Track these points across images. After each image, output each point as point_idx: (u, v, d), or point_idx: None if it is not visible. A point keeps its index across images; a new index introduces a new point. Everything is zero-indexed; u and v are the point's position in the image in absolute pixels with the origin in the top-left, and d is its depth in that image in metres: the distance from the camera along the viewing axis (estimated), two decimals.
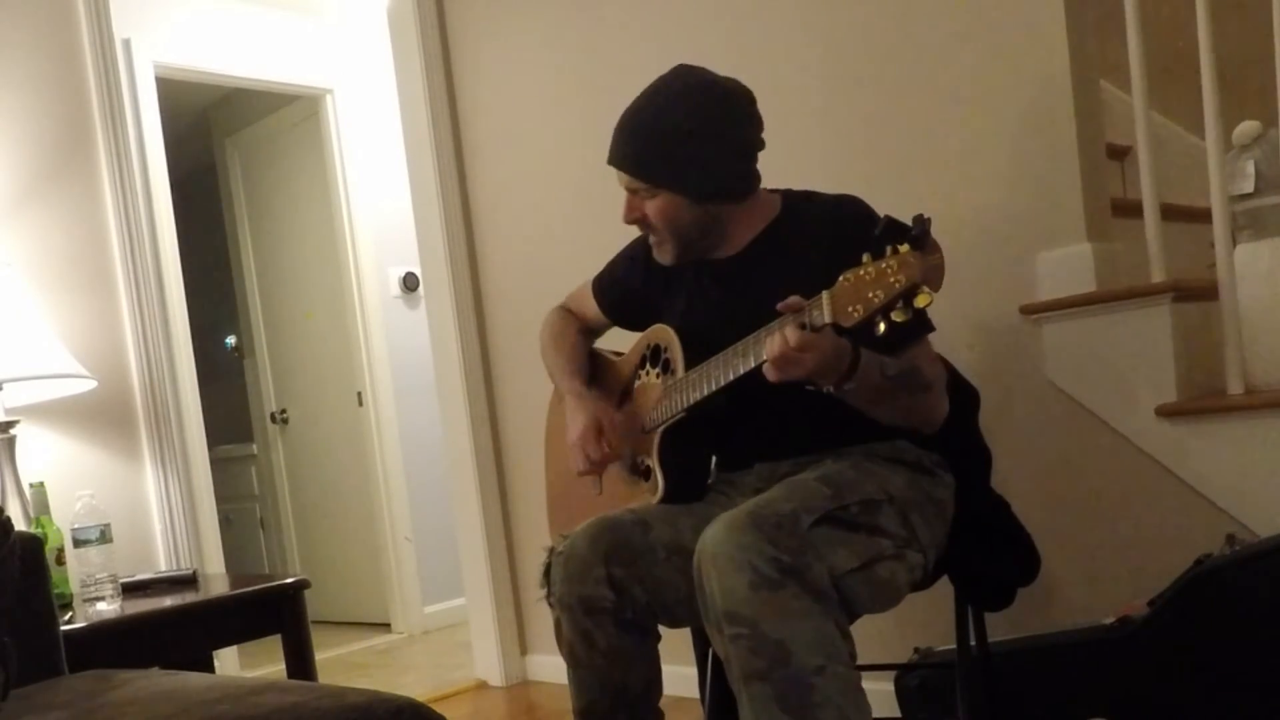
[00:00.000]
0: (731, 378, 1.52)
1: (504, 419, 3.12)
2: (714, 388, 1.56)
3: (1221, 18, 1.87)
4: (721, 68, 1.67)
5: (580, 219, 2.85)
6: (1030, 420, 2.05)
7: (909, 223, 1.28)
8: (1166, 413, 1.87)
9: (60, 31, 2.69)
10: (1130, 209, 2.15)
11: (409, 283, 4.20)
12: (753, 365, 1.47)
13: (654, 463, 1.68)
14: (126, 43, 3.43)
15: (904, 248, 1.27)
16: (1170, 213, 2.07)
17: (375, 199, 4.16)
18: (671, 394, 1.66)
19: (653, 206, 1.65)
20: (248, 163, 4.59)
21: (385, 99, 3.91)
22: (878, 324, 1.30)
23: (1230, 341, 1.84)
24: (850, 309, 1.31)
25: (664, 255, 1.71)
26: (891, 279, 1.27)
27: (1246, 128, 1.99)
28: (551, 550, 1.61)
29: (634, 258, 1.87)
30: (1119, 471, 1.96)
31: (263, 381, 4.65)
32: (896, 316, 1.28)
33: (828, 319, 1.34)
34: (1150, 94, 1.93)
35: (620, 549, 1.54)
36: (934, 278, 1.28)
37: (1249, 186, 1.95)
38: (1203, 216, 1.99)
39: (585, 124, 2.81)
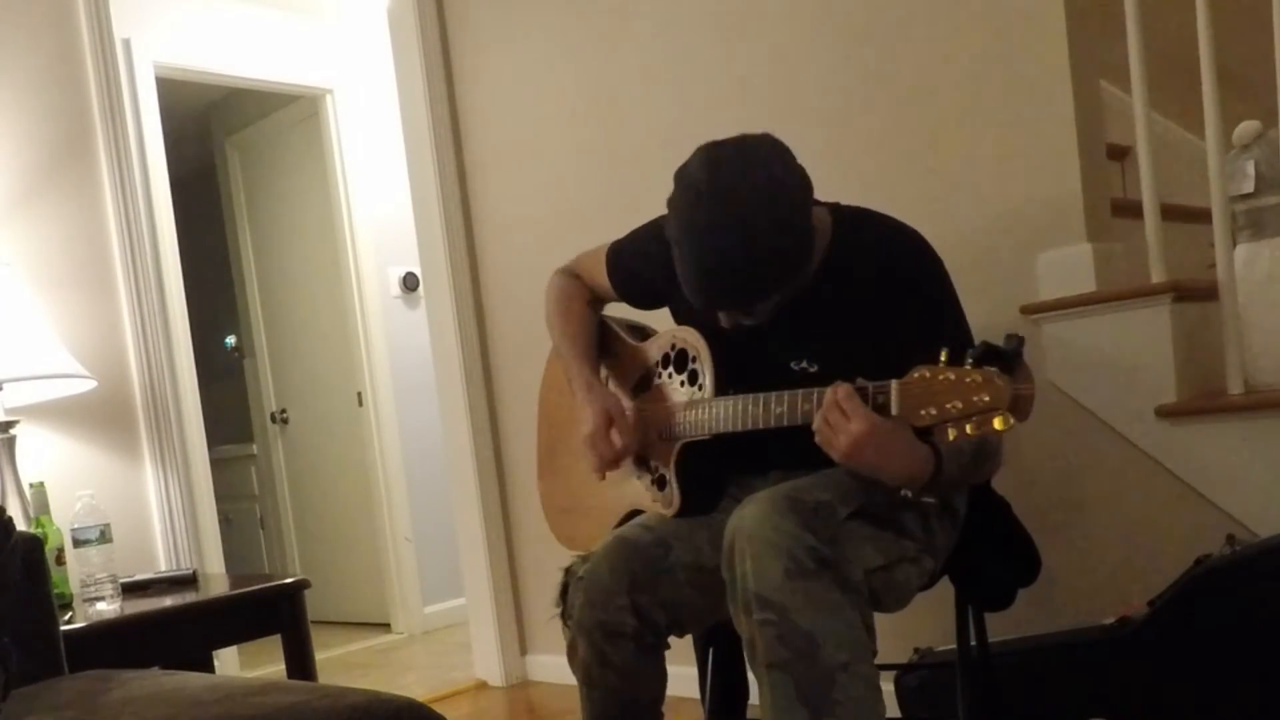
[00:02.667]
0: (770, 426, 1.47)
1: (504, 419, 3.12)
2: (748, 428, 1.50)
3: (1221, 18, 1.87)
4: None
5: (580, 218, 2.84)
6: (1030, 420, 2.04)
7: (1002, 344, 1.24)
8: (1166, 413, 1.87)
9: (60, 31, 2.69)
10: (1130, 209, 2.15)
11: (409, 283, 4.20)
12: (799, 423, 1.41)
13: (671, 475, 1.65)
14: (126, 42, 3.42)
15: (991, 370, 1.22)
16: (1170, 213, 2.07)
17: (375, 199, 4.16)
18: (699, 411, 1.61)
19: (762, 308, 1.51)
20: (248, 163, 4.59)
21: (385, 99, 3.90)
22: (948, 431, 1.26)
23: (1230, 341, 1.84)
24: (923, 411, 1.27)
25: (762, 324, 1.56)
26: (975, 396, 1.23)
27: (1246, 128, 1.98)
28: (568, 571, 1.60)
29: (660, 242, 1.71)
30: (1119, 471, 1.96)
31: (263, 381, 4.65)
32: (970, 429, 1.24)
33: (895, 412, 1.29)
34: (1150, 94, 1.93)
35: (642, 572, 1.53)
36: (1021, 408, 1.23)
37: (1249, 186, 1.95)
38: (1203, 216, 1.99)
39: (586, 123, 2.81)
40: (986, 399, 1.22)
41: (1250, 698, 1.60)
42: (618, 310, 1.94)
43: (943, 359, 1.25)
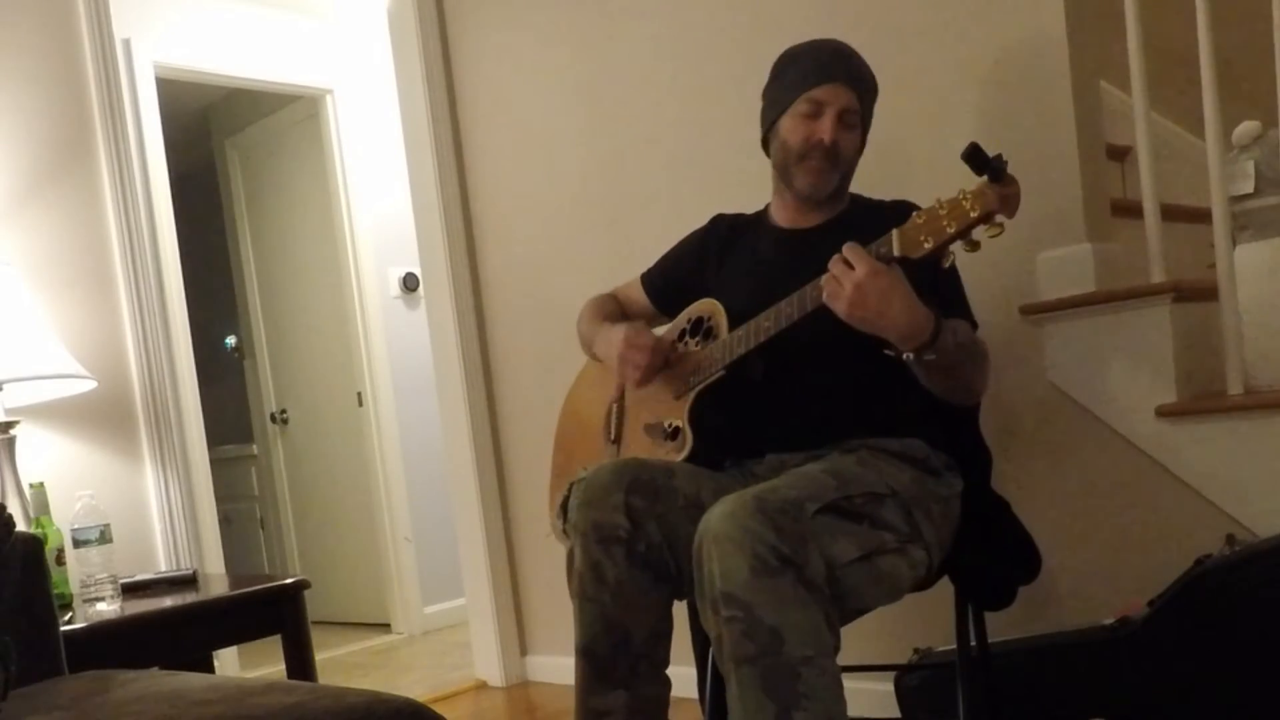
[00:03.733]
0: (784, 325, 1.56)
1: (504, 419, 3.12)
2: (761, 340, 1.59)
3: (1221, 18, 1.87)
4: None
5: (580, 218, 2.85)
6: (1030, 420, 2.05)
7: (989, 155, 1.35)
8: (1166, 413, 1.87)
9: (60, 31, 2.69)
10: (1130, 209, 2.15)
11: (409, 283, 4.20)
12: (809, 309, 1.52)
13: (684, 422, 1.72)
14: (126, 43, 3.42)
15: (980, 181, 1.34)
16: (1170, 213, 2.07)
17: (375, 199, 4.16)
18: (713, 354, 1.70)
19: (850, 139, 1.73)
20: (248, 163, 4.59)
21: (385, 99, 3.90)
22: (947, 256, 1.38)
23: (1230, 341, 1.84)
24: (922, 239, 1.39)
25: (824, 184, 1.74)
26: (968, 208, 1.35)
27: (1246, 128, 1.99)
28: (572, 484, 1.61)
29: (689, 246, 1.94)
30: (1119, 472, 1.96)
31: (263, 381, 4.65)
32: (966, 247, 1.37)
33: (897, 253, 1.41)
34: (1150, 94, 1.93)
35: (643, 483, 1.56)
36: (1009, 207, 1.35)
37: (1249, 186, 1.95)
38: (1203, 216, 1.99)
39: (586, 123, 2.81)
40: (978, 209, 1.35)
41: (1250, 698, 1.60)
42: None
43: (937, 199, 1.38)
